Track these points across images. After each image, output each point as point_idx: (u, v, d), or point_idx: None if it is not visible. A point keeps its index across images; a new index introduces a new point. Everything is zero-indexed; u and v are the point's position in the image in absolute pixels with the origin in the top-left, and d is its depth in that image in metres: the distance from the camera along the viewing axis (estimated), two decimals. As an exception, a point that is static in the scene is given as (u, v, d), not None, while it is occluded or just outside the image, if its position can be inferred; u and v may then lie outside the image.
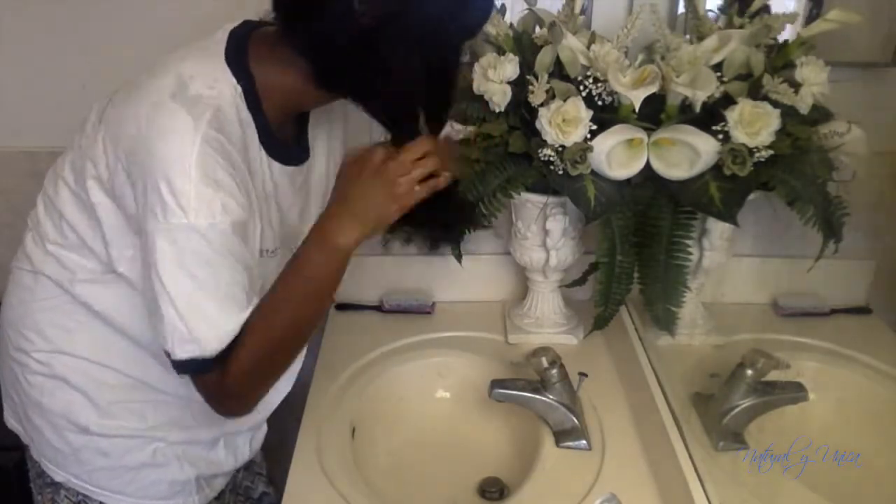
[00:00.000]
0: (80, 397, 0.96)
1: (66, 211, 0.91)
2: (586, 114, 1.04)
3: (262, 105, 0.87)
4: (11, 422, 1.05)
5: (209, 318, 0.82)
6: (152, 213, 0.79)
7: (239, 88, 0.85)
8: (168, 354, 0.83)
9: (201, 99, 0.81)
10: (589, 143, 1.05)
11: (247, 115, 0.86)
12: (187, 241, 0.79)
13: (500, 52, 1.13)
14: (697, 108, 1.06)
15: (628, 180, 1.09)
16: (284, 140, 0.93)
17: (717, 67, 1.05)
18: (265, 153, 0.90)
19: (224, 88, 0.84)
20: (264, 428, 1.12)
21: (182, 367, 0.83)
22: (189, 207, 0.77)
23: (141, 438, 0.98)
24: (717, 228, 1.14)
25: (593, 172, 1.07)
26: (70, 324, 0.95)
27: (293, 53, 0.84)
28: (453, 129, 1.16)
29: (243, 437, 1.09)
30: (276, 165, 0.92)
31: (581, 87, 1.07)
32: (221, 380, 0.84)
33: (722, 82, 1.05)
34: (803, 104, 1.03)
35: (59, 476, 1.00)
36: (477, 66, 1.12)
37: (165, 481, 1.00)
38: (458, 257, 1.22)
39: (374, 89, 0.86)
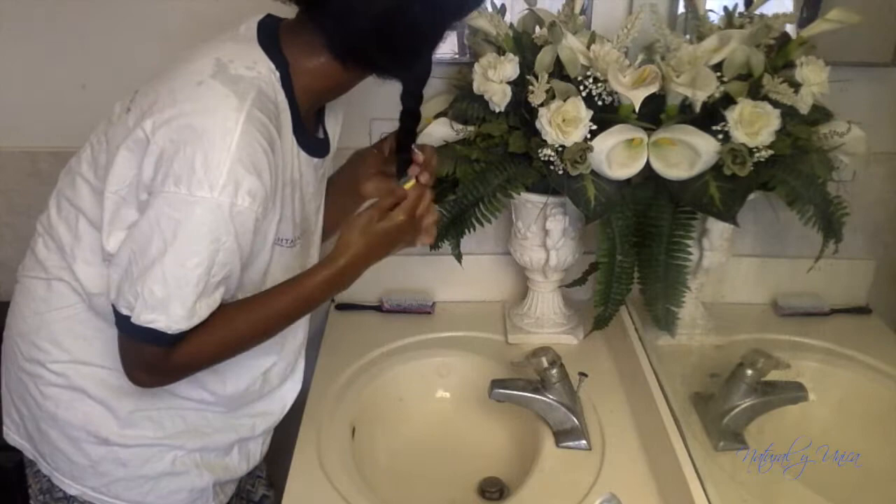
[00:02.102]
0: (100, 408, 0.94)
1: (86, 208, 0.90)
2: (586, 114, 1.04)
3: (294, 91, 0.87)
4: (14, 437, 1.02)
5: (189, 298, 0.81)
6: (175, 180, 0.78)
7: (277, 73, 0.85)
8: (121, 313, 0.82)
9: (243, 79, 0.82)
10: (589, 143, 1.05)
11: (283, 99, 0.86)
12: (205, 215, 0.78)
13: (500, 52, 1.13)
14: (697, 108, 1.06)
15: (628, 180, 1.09)
16: (310, 130, 0.94)
17: (717, 67, 1.05)
18: (294, 139, 0.90)
19: (262, 70, 0.84)
20: (272, 432, 1.12)
21: (135, 331, 0.82)
22: (217, 183, 0.77)
23: (160, 447, 0.97)
24: (717, 228, 1.14)
25: (593, 172, 1.08)
26: (88, 332, 0.94)
27: (320, 38, 0.85)
28: (453, 129, 1.17)
29: (256, 442, 1.08)
30: (304, 155, 0.92)
31: (581, 87, 1.07)
32: (166, 355, 0.84)
33: (722, 82, 1.05)
34: (803, 104, 1.03)
35: (73, 489, 0.98)
36: (477, 66, 1.12)
37: (185, 489, 1.00)
38: (458, 257, 1.22)
39: (399, 63, 0.88)
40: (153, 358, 0.85)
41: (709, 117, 1.05)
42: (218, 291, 0.84)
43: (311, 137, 0.93)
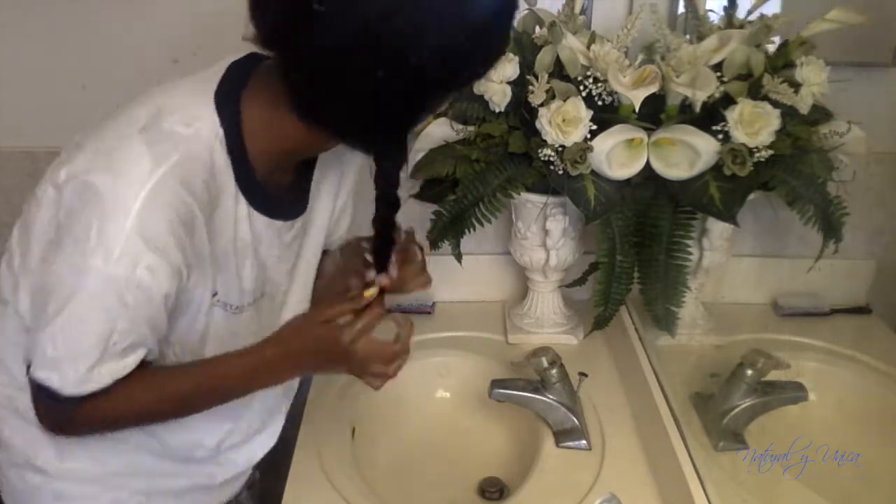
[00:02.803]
0: (41, 437, 0.89)
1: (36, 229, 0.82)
2: (586, 114, 1.04)
3: (246, 150, 0.79)
4: None
5: (81, 364, 0.75)
6: (73, 241, 0.73)
7: (220, 131, 0.76)
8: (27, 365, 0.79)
9: (172, 136, 0.74)
10: (589, 143, 1.05)
11: (224, 161, 0.77)
12: (97, 286, 0.72)
13: (500, 52, 1.13)
14: (697, 108, 1.06)
15: (628, 180, 1.09)
16: (275, 190, 0.85)
17: (717, 67, 1.05)
18: (245, 202, 0.82)
19: (203, 128, 0.76)
20: (249, 471, 1.05)
21: (33, 381, 0.78)
22: (111, 254, 0.71)
23: (100, 484, 0.92)
24: (717, 228, 1.14)
25: (593, 172, 1.08)
26: None
27: (284, 91, 0.75)
28: (453, 129, 1.17)
29: (218, 490, 1.01)
30: (260, 217, 0.84)
31: (581, 87, 1.07)
32: (66, 411, 0.79)
33: (722, 82, 1.05)
34: (803, 104, 1.03)
35: None
36: (477, 66, 1.12)
37: None
38: (458, 257, 1.22)
39: (374, 138, 0.78)
40: (52, 411, 0.80)
41: (709, 117, 1.05)
42: (129, 358, 0.78)
43: (269, 198, 0.84)
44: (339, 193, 0.98)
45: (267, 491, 1.16)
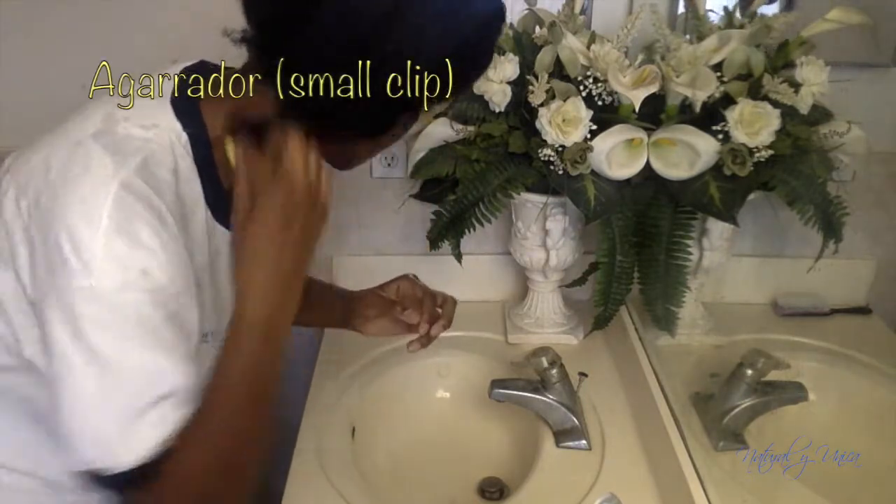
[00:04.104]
0: None
1: None
2: (586, 114, 1.04)
3: (214, 157, 0.73)
4: None
5: (123, 418, 0.63)
6: (51, 274, 0.63)
7: (184, 136, 0.70)
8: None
9: (130, 140, 0.67)
10: (589, 143, 1.05)
11: (191, 168, 0.71)
12: (93, 309, 0.62)
13: (500, 52, 1.13)
14: (697, 108, 1.06)
15: (628, 180, 1.09)
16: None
17: (717, 67, 1.05)
18: (210, 215, 0.74)
19: (163, 132, 0.69)
20: None
21: (92, 479, 0.64)
22: (95, 266, 0.61)
23: None
24: (717, 228, 1.14)
25: (593, 172, 1.08)
26: None
27: (263, 93, 0.69)
28: (453, 129, 1.17)
29: None
30: (220, 230, 0.77)
31: (581, 87, 1.07)
32: (157, 501, 0.65)
33: (722, 82, 1.05)
34: (803, 104, 1.03)
35: None
36: (477, 66, 1.12)
37: None
38: (458, 257, 1.22)
39: (360, 110, 0.69)
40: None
41: (709, 117, 1.05)
42: (170, 397, 0.65)
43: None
44: None
45: (267, 491, 1.16)
